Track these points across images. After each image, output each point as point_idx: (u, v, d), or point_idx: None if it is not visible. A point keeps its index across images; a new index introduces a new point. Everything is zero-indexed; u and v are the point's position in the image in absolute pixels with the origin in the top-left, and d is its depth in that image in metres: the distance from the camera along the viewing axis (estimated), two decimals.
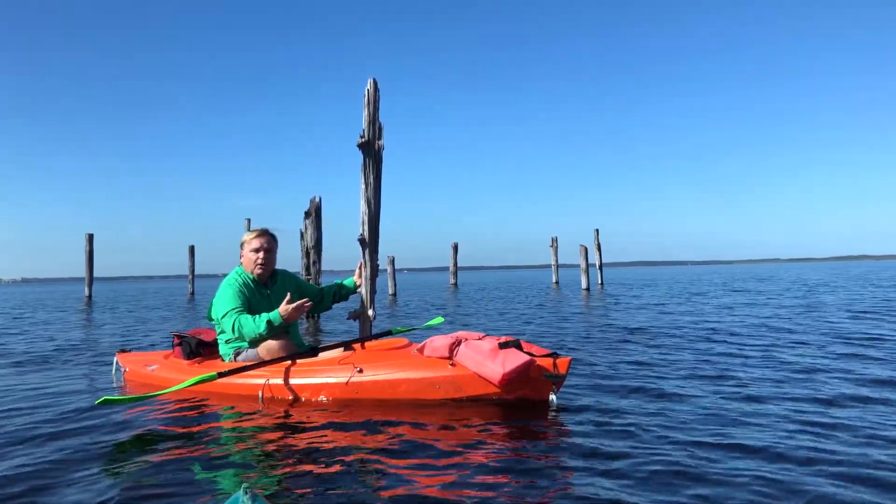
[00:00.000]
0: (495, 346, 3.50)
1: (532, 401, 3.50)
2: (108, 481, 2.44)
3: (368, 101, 4.48)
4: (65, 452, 2.81)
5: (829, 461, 2.48)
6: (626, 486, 2.27)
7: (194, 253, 29.19)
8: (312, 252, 11.00)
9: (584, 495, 2.19)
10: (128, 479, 2.45)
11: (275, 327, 3.95)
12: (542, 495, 2.21)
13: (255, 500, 1.38)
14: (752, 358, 5.09)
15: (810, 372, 4.38)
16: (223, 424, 3.33)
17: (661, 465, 2.48)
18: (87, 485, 2.41)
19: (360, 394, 3.68)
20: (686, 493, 2.20)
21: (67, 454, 2.79)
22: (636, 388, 3.96)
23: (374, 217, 4.48)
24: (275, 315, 3.94)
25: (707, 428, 3.00)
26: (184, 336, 4.46)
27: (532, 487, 2.28)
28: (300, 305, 3.96)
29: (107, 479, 2.46)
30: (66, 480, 2.46)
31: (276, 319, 3.93)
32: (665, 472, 2.41)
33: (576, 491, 2.23)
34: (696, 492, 2.20)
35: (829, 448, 2.65)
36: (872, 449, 2.63)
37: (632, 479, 2.34)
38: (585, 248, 25.05)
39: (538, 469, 2.49)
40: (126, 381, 4.63)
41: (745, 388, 3.87)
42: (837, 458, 2.51)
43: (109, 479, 2.47)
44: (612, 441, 2.82)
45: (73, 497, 2.28)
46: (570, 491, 2.23)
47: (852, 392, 3.73)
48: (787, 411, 3.29)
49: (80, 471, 2.56)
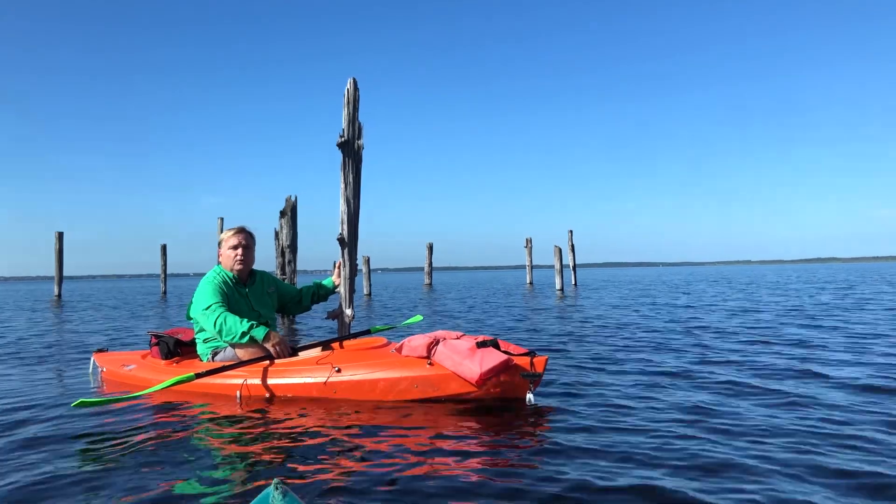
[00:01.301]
0: (473, 345, 3.53)
1: (510, 399, 3.54)
2: (85, 485, 2.40)
3: (348, 101, 4.49)
4: (41, 456, 2.76)
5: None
6: (605, 480, 2.32)
7: (166, 252, 28.85)
8: (288, 251, 10.95)
9: (562, 491, 2.23)
10: (104, 483, 2.42)
11: (254, 340, 3.94)
12: (521, 492, 2.24)
13: (285, 495, 1.38)
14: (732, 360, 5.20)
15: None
16: (200, 425, 3.30)
17: (639, 458, 2.54)
18: (62, 489, 2.37)
19: (339, 394, 3.69)
20: (665, 485, 2.25)
21: (43, 458, 2.74)
22: (611, 385, 4.03)
23: (354, 216, 4.50)
24: (261, 333, 3.92)
25: (685, 421, 3.07)
26: (161, 336, 4.43)
27: (510, 484, 2.32)
28: (284, 349, 3.97)
29: (84, 483, 2.42)
30: (41, 486, 2.41)
31: (259, 337, 3.93)
32: (644, 465, 2.47)
33: (554, 487, 2.27)
34: (675, 484, 2.26)
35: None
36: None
37: (610, 474, 2.38)
38: (559, 249, 25.27)
39: (516, 466, 2.53)
40: (103, 381, 4.58)
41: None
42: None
43: (86, 482, 2.43)
44: (590, 437, 2.87)
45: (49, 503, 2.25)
46: (549, 487, 2.27)
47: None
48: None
49: (55, 475, 2.51)
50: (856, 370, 4.47)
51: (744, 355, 5.28)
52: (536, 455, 2.66)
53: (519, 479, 2.38)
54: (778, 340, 6.23)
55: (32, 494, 2.33)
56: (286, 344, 3.98)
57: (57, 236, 25.29)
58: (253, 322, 3.94)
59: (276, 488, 1.41)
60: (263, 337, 3.90)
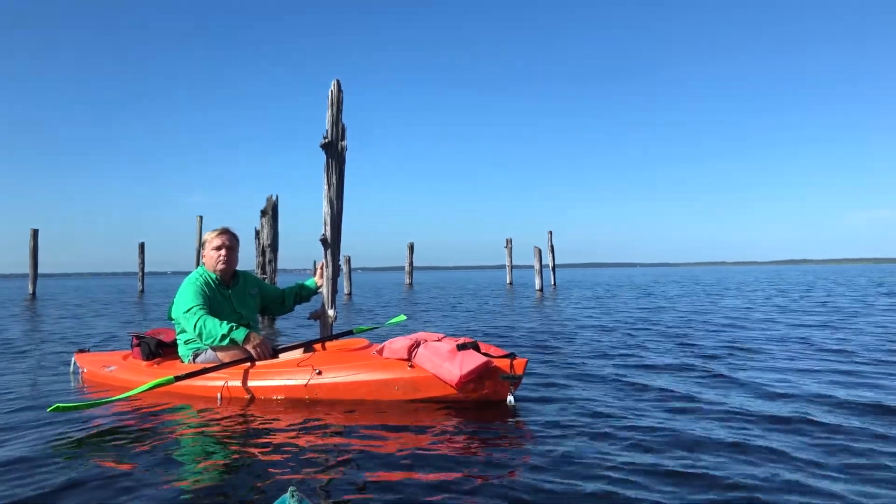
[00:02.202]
0: (453, 347, 3.56)
1: (490, 401, 3.57)
2: (60, 492, 2.36)
3: (332, 102, 4.50)
4: (14, 464, 2.70)
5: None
6: (584, 482, 2.36)
7: (144, 250, 28.54)
8: (269, 251, 10.90)
9: (541, 491, 2.27)
10: (80, 488, 2.40)
11: (234, 342, 3.94)
12: (500, 493, 2.27)
13: (301, 502, 1.40)
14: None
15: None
16: (180, 428, 3.29)
17: (618, 462, 2.58)
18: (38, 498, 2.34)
19: (319, 395, 3.71)
20: (644, 487, 2.30)
21: (18, 465, 2.68)
22: (591, 387, 4.08)
23: (337, 217, 4.51)
24: (241, 335, 3.92)
25: (664, 425, 3.13)
26: (143, 337, 4.41)
27: (489, 485, 2.35)
28: (265, 351, 3.97)
29: (59, 490, 2.38)
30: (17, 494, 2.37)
31: (239, 339, 3.93)
32: (623, 468, 2.51)
33: (534, 488, 2.31)
34: (655, 486, 2.31)
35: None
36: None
37: (589, 476, 2.43)
38: (539, 250, 25.40)
39: (496, 468, 2.56)
40: (84, 382, 4.55)
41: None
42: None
43: (61, 488, 2.39)
44: (570, 440, 2.91)
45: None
46: (528, 488, 2.31)
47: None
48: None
49: (31, 483, 2.47)
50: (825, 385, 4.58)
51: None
52: (516, 456, 2.70)
53: (499, 479, 2.41)
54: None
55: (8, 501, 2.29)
56: (267, 345, 3.99)
57: (32, 233, 24.91)
58: (233, 324, 3.94)
59: (291, 496, 1.42)
60: (244, 339, 3.90)
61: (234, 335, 3.88)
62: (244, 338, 3.90)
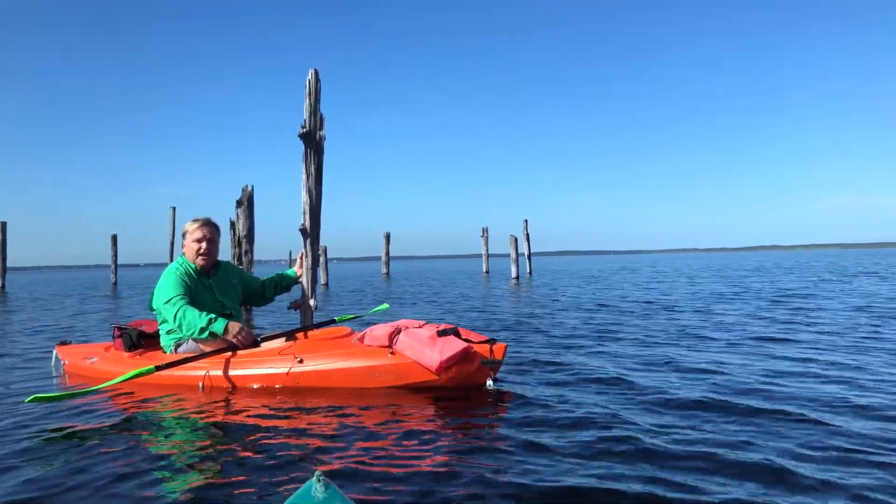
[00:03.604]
0: (434, 333, 3.60)
1: (470, 386, 3.63)
2: (37, 483, 2.36)
3: (310, 92, 4.50)
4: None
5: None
6: (563, 464, 2.42)
7: (117, 242, 28.11)
8: (244, 241, 10.85)
9: (520, 475, 2.32)
10: (58, 478, 2.40)
11: (213, 334, 3.95)
12: (480, 476, 2.31)
13: (327, 487, 1.41)
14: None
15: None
16: (160, 417, 3.29)
17: (597, 442, 2.65)
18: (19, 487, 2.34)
19: (301, 383, 3.74)
20: (621, 468, 2.37)
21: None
22: (566, 370, 4.17)
23: (316, 207, 4.52)
24: (220, 327, 3.93)
25: (641, 404, 3.22)
26: (124, 328, 4.39)
27: (470, 469, 2.39)
28: (246, 337, 3.98)
29: (42, 482, 2.37)
30: None
31: (219, 332, 3.94)
32: (600, 450, 2.58)
33: (513, 471, 2.36)
34: (632, 466, 2.39)
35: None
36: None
37: (568, 458, 2.49)
38: (515, 239, 25.54)
39: (476, 452, 2.60)
40: (66, 374, 4.53)
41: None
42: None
43: (44, 480, 2.39)
44: (548, 423, 2.97)
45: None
46: (508, 472, 2.35)
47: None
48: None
49: (11, 474, 2.48)
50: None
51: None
52: (496, 440, 2.75)
53: (479, 463, 2.45)
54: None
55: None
56: (249, 333, 4.00)
57: (0, 226, 24.41)
58: (212, 316, 3.93)
59: (318, 480, 1.43)
60: (223, 331, 3.91)
61: (212, 328, 3.89)
62: (223, 329, 3.91)
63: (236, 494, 2.22)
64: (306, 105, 4.51)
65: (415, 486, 2.23)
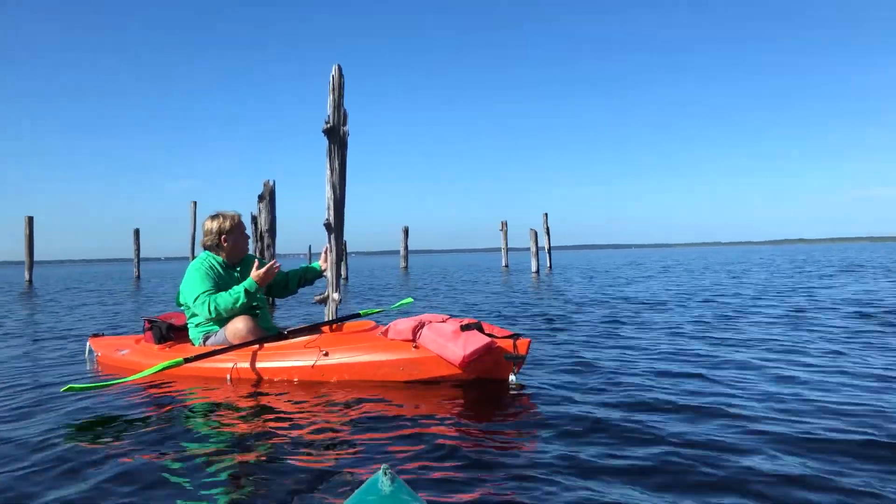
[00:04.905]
0: (457, 328, 3.63)
1: (493, 381, 3.65)
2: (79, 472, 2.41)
3: (333, 87, 4.53)
4: (28, 441, 2.79)
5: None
6: (587, 460, 2.43)
7: (139, 236, 28.49)
8: (266, 235, 10.95)
9: (544, 468, 2.34)
10: (89, 466, 2.46)
11: (251, 294, 4.09)
12: (502, 469, 2.33)
13: (393, 481, 1.41)
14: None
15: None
16: (190, 409, 3.36)
17: (618, 440, 2.65)
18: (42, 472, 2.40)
19: (326, 376, 3.79)
20: (642, 467, 2.38)
21: (37, 444, 2.76)
22: (591, 366, 4.17)
23: (340, 202, 4.57)
24: (249, 283, 4.08)
25: (664, 404, 3.22)
26: (154, 321, 4.49)
27: (492, 463, 2.40)
28: (270, 267, 4.12)
29: (78, 471, 2.42)
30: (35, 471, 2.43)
31: (251, 287, 4.08)
32: (623, 445, 2.60)
33: (537, 464, 2.37)
34: (652, 463, 2.40)
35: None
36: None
37: (591, 453, 2.50)
38: (535, 232, 25.42)
39: (497, 447, 2.61)
40: (99, 365, 4.67)
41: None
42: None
43: (81, 469, 2.44)
44: (571, 419, 2.97)
45: (26, 489, 2.25)
46: (530, 466, 2.36)
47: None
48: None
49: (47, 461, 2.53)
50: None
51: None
52: (518, 435, 2.77)
53: (502, 457, 2.47)
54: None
55: (25, 480, 2.33)
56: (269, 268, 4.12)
57: (27, 221, 24.83)
58: (238, 288, 4.07)
59: (384, 474, 1.43)
60: (252, 283, 4.07)
61: (246, 286, 4.05)
62: (252, 283, 4.07)
63: (278, 486, 2.24)
64: (330, 100, 4.54)
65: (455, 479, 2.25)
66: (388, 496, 1.37)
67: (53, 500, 2.15)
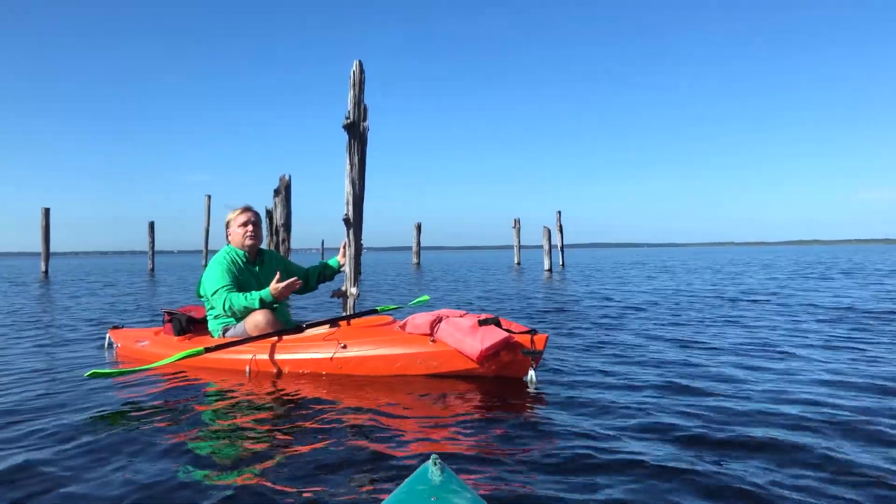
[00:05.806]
0: (475, 323, 3.64)
1: (511, 376, 3.67)
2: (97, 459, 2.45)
3: (354, 83, 4.57)
4: (55, 426, 2.85)
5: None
6: (603, 454, 2.45)
7: (154, 229, 28.71)
8: (282, 230, 11.03)
9: (560, 463, 2.35)
10: (109, 450, 2.52)
11: (266, 304, 4.09)
12: (519, 464, 2.34)
13: (443, 471, 1.42)
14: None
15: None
16: (209, 398, 3.42)
17: (636, 438, 2.67)
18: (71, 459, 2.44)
19: (344, 369, 3.82)
20: (662, 464, 2.39)
21: (62, 428, 2.83)
22: (607, 362, 4.18)
23: (359, 198, 4.60)
24: (266, 293, 4.08)
25: (679, 404, 3.24)
26: (174, 313, 4.56)
27: (508, 456, 2.42)
28: (290, 284, 4.10)
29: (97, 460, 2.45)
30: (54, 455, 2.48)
31: (266, 297, 4.09)
32: (640, 441, 2.61)
33: (552, 461, 2.38)
34: (672, 463, 2.41)
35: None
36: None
37: (607, 448, 2.51)
38: (548, 230, 25.34)
39: (514, 440, 2.64)
40: (118, 356, 4.73)
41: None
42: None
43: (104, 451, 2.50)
44: (588, 414, 3.00)
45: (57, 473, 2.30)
46: (547, 461, 2.38)
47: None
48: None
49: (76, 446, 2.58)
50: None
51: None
52: (535, 429, 2.78)
53: (517, 452, 2.49)
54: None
55: (55, 465, 2.38)
56: (288, 284, 4.12)
57: (43, 212, 25.09)
58: (253, 296, 4.08)
59: (434, 464, 1.44)
60: (269, 295, 4.07)
61: (262, 296, 4.06)
62: (269, 295, 4.07)
63: (306, 476, 2.27)
64: (350, 96, 4.58)
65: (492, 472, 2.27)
66: (439, 486, 1.38)
67: (84, 483, 2.20)
